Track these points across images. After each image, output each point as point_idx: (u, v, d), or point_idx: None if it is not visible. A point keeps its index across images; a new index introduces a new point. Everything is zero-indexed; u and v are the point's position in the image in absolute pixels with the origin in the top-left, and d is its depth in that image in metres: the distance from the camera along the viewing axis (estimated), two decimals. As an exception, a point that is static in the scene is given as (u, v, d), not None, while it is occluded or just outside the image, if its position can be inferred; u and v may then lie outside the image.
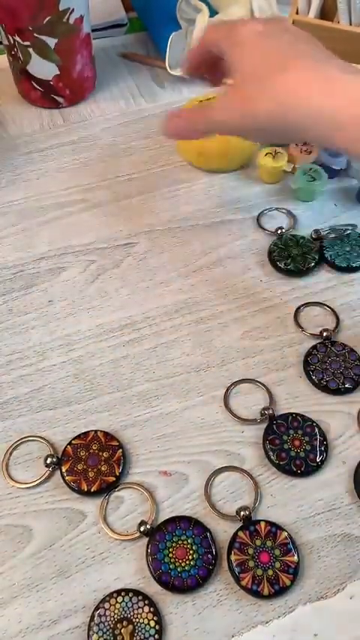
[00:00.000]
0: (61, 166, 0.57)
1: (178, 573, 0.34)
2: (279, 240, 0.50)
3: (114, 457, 0.39)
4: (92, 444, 0.39)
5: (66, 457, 0.39)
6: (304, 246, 0.50)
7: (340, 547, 0.36)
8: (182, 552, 0.35)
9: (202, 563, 0.35)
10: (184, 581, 0.34)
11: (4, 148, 0.59)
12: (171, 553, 0.35)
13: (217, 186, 0.56)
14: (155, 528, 0.36)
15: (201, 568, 0.35)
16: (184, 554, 0.35)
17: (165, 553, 0.35)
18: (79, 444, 0.39)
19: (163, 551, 0.35)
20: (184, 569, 0.35)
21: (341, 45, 0.59)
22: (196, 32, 0.60)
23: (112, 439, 0.40)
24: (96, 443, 0.39)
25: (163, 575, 0.34)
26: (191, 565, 0.35)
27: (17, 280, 0.49)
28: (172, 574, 0.34)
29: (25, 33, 0.54)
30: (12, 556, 0.36)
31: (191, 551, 0.35)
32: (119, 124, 0.61)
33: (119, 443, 0.39)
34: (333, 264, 0.49)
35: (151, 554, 0.35)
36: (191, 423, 0.41)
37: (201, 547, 0.35)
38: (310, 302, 0.48)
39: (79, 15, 0.55)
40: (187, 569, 0.35)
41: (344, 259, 0.49)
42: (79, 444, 0.39)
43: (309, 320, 0.47)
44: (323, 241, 0.50)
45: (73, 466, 0.38)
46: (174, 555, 0.35)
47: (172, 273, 0.50)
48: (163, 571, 0.35)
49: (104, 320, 0.47)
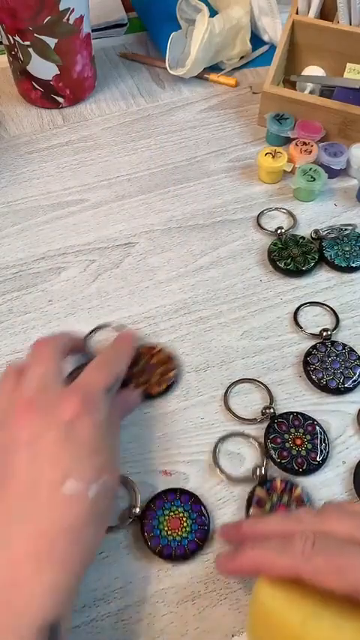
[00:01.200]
0: (61, 166, 0.58)
1: (177, 543, 0.35)
2: (279, 239, 0.50)
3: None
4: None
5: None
6: (303, 245, 0.50)
7: (339, 547, 0.36)
8: (176, 522, 0.36)
9: (197, 527, 0.36)
10: (185, 548, 0.35)
11: (4, 148, 0.59)
12: (165, 526, 0.36)
13: (217, 187, 0.56)
14: (144, 508, 0.37)
15: (197, 532, 0.36)
16: (178, 524, 0.36)
17: (160, 527, 0.36)
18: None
19: (158, 527, 0.36)
20: (182, 537, 0.36)
21: (341, 45, 0.59)
22: (196, 33, 0.60)
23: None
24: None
25: (165, 548, 0.35)
26: (187, 532, 0.36)
27: (17, 280, 0.49)
28: (171, 545, 0.35)
29: (25, 33, 0.54)
30: (12, 556, 0.36)
31: (184, 519, 0.36)
32: (119, 124, 0.61)
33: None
34: (333, 264, 0.49)
35: (147, 532, 0.36)
36: (191, 422, 0.41)
37: (192, 512, 0.36)
38: (310, 302, 0.48)
39: (79, 15, 0.55)
40: (185, 535, 0.36)
41: (344, 259, 0.49)
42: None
43: (309, 320, 0.47)
44: (323, 241, 0.50)
45: None
46: (169, 527, 0.36)
47: (172, 273, 0.50)
48: (162, 545, 0.35)
49: (104, 320, 0.47)
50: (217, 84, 0.65)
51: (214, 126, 0.61)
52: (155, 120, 0.62)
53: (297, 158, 0.55)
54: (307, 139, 0.55)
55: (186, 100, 0.64)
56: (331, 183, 0.56)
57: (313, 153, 0.54)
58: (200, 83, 0.65)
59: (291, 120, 0.57)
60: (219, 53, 0.64)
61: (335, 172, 0.55)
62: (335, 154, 0.54)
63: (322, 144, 0.55)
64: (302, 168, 0.53)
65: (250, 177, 0.56)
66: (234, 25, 0.63)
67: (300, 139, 0.56)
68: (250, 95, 0.64)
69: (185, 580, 0.35)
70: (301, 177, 0.53)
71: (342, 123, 0.56)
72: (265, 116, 0.57)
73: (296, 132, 0.56)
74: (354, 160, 0.55)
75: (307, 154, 0.54)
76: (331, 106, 0.55)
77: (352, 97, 0.56)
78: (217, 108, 0.63)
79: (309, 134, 0.56)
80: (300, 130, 0.56)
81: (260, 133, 0.60)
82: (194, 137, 0.60)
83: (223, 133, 0.60)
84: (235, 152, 0.59)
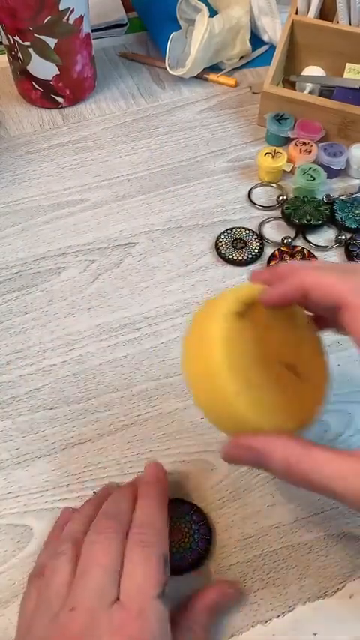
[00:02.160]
0: (61, 166, 0.58)
1: (180, 555, 0.35)
2: (292, 203, 0.53)
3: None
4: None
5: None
6: (316, 205, 0.52)
7: (339, 546, 0.36)
8: (179, 535, 0.36)
9: (199, 537, 0.36)
10: (189, 558, 0.35)
11: (4, 148, 0.59)
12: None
13: (217, 186, 0.56)
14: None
15: (200, 541, 0.35)
16: (180, 537, 0.36)
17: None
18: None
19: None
20: (185, 548, 0.35)
21: (341, 45, 0.59)
22: (195, 33, 0.60)
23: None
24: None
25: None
26: (191, 542, 0.35)
27: (17, 280, 0.49)
28: (175, 557, 0.35)
29: (25, 33, 0.54)
30: (12, 555, 0.36)
31: (186, 530, 0.36)
32: (119, 124, 0.61)
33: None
34: (344, 226, 0.51)
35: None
36: (191, 422, 0.41)
37: (194, 522, 0.36)
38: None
39: (79, 15, 0.55)
40: (188, 546, 0.35)
41: (355, 221, 0.51)
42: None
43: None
44: (335, 204, 0.52)
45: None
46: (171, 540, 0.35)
47: (172, 273, 0.50)
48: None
49: (104, 320, 0.47)
50: (216, 84, 0.65)
51: (214, 126, 0.61)
52: (155, 120, 0.62)
53: (297, 158, 0.55)
54: (306, 139, 0.55)
55: (186, 100, 0.64)
56: (331, 184, 0.56)
57: (312, 153, 0.54)
58: (200, 83, 0.65)
59: (291, 120, 0.57)
60: (219, 53, 0.64)
61: (335, 172, 0.55)
62: (335, 154, 0.54)
63: (321, 144, 0.55)
64: (302, 168, 0.53)
65: (250, 178, 0.56)
66: (234, 25, 0.63)
67: (300, 139, 0.56)
68: (250, 95, 0.64)
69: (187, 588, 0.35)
70: (301, 177, 0.53)
71: (342, 123, 0.56)
72: (265, 116, 0.57)
73: (296, 132, 0.56)
74: (354, 160, 0.55)
75: (306, 154, 0.54)
76: (330, 106, 0.55)
77: (352, 97, 0.56)
78: (217, 108, 0.63)
79: (309, 134, 0.56)
80: (300, 130, 0.56)
81: (260, 133, 0.60)
82: (194, 137, 0.60)
83: (223, 133, 0.60)
84: (235, 152, 0.59)
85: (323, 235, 0.52)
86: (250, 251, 0.50)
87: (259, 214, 0.54)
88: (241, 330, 0.30)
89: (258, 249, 0.50)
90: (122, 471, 0.39)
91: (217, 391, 0.28)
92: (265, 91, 0.57)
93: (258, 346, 0.30)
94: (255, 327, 0.31)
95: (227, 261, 0.50)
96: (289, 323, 0.32)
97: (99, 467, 0.40)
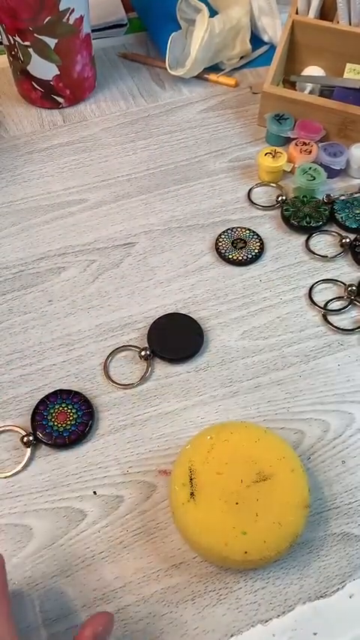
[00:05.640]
0: (61, 166, 0.58)
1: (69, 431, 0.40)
2: (291, 204, 0.53)
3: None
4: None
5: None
6: (316, 206, 0.52)
7: (339, 546, 0.36)
8: (63, 416, 0.41)
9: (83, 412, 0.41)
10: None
11: (4, 148, 0.59)
12: (54, 418, 0.41)
13: (217, 187, 0.56)
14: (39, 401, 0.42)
15: (84, 415, 0.41)
16: (65, 418, 0.41)
17: (49, 419, 0.41)
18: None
19: (47, 417, 0.41)
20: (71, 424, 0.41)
21: (341, 45, 0.59)
22: (195, 33, 0.60)
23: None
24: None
25: (58, 438, 0.40)
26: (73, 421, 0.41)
27: (17, 280, 0.49)
28: (64, 434, 0.40)
29: (25, 33, 0.54)
30: (12, 555, 0.36)
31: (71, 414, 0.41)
32: (119, 124, 0.61)
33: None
34: (344, 226, 0.51)
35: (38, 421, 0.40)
36: (191, 422, 0.42)
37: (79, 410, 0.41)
38: (323, 279, 0.48)
39: (79, 15, 0.55)
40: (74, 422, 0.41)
41: (355, 221, 0.51)
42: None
43: (324, 297, 0.47)
44: (335, 204, 0.52)
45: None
46: (56, 419, 0.41)
47: (172, 273, 0.50)
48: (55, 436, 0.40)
49: (104, 320, 0.47)
50: (217, 84, 0.65)
51: (214, 126, 0.61)
52: (155, 120, 0.62)
53: (297, 158, 0.55)
54: (306, 139, 0.55)
55: (186, 100, 0.64)
56: (331, 183, 0.56)
57: (312, 153, 0.54)
58: (200, 83, 0.65)
59: (291, 120, 0.57)
60: (219, 53, 0.64)
61: (335, 172, 0.55)
62: (335, 154, 0.54)
63: (321, 144, 0.55)
64: (302, 168, 0.53)
65: (250, 177, 0.56)
66: (234, 26, 0.63)
67: (300, 139, 0.56)
68: (250, 95, 0.64)
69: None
70: (301, 177, 0.53)
71: (342, 123, 0.56)
72: (265, 116, 0.57)
73: (296, 132, 0.56)
74: (354, 160, 0.55)
75: (306, 153, 0.54)
76: (330, 106, 0.55)
77: (352, 97, 0.56)
78: (217, 108, 0.63)
79: (309, 134, 0.56)
80: (300, 130, 0.56)
81: (260, 133, 0.60)
82: (194, 137, 0.60)
83: (223, 133, 0.60)
84: (235, 152, 0.59)
85: (324, 240, 0.52)
86: (250, 251, 0.50)
87: (259, 214, 0.54)
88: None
89: (258, 249, 0.50)
90: (122, 471, 0.39)
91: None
92: (265, 91, 0.57)
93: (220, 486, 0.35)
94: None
95: (227, 261, 0.50)
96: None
97: (99, 467, 0.40)
